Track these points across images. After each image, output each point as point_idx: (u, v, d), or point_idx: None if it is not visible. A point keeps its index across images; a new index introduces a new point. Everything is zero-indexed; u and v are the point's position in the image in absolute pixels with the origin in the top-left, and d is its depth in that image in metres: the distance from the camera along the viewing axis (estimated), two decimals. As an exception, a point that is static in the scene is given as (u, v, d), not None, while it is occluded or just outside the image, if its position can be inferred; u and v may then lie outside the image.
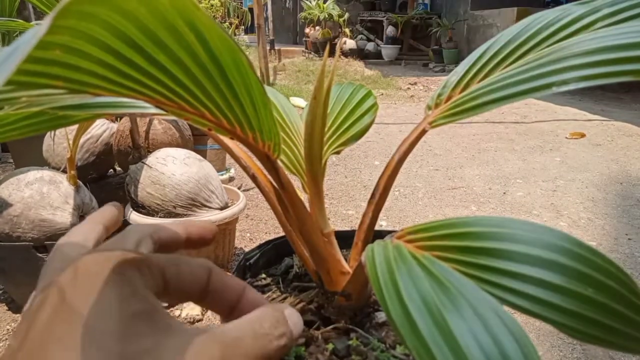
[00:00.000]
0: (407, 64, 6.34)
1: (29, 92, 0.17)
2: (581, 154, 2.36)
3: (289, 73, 5.18)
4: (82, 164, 1.31)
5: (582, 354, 0.98)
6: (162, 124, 1.39)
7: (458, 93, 0.30)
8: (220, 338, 0.19)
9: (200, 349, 0.18)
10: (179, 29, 0.17)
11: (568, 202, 1.76)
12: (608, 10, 0.27)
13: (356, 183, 2.00)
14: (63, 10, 0.13)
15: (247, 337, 0.19)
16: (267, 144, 0.25)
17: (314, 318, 0.30)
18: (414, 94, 4.29)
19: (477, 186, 1.95)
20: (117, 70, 0.17)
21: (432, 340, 0.16)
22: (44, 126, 0.29)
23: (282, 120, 0.40)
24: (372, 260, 0.20)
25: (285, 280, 0.36)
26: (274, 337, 0.20)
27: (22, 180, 0.97)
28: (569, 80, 0.21)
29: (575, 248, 0.19)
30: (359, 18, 7.16)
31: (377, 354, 0.27)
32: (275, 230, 1.51)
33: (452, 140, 2.68)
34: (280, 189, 0.29)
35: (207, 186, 1.11)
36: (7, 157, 2.05)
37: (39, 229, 0.94)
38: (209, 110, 0.21)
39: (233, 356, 0.18)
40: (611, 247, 1.41)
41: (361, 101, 0.41)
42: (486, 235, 0.20)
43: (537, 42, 0.28)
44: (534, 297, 0.18)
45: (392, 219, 1.64)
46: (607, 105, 3.57)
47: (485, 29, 5.53)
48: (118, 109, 0.24)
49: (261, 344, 0.20)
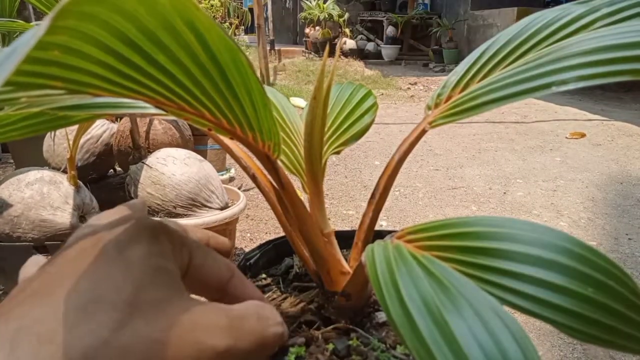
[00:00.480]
0: (407, 64, 6.34)
1: (29, 92, 0.17)
2: (581, 154, 2.36)
3: (289, 73, 5.18)
4: (82, 164, 1.31)
5: (583, 353, 0.98)
6: (162, 124, 1.39)
7: (458, 93, 0.30)
8: (228, 311, 0.20)
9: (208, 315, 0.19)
10: (179, 29, 0.17)
11: (568, 202, 1.76)
12: (607, 10, 0.27)
13: (356, 183, 2.00)
14: (62, 11, 0.13)
15: (252, 317, 0.20)
16: (267, 144, 0.25)
17: (314, 318, 0.30)
18: (414, 94, 4.29)
19: (477, 186, 1.95)
20: (116, 71, 0.17)
21: (432, 340, 0.16)
22: (44, 126, 0.29)
23: (282, 120, 0.40)
24: (372, 260, 0.20)
25: (286, 280, 0.36)
26: (273, 323, 0.21)
27: (23, 180, 0.97)
28: (568, 80, 0.21)
29: (575, 248, 0.19)
30: (359, 18, 7.16)
31: (378, 354, 0.27)
32: (276, 230, 1.51)
33: (452, 140, 2.68)
34: (280, 189, 0.29)
35: (207, 186, 1.11)
36: (7, 158, 2.05)
37: (39, 229, 0.94)
38: (208, 111, 0.21)
39: (239, 329, 0.19)
40: (611, 247, 1.41)
41: (361, 101, 0.41)
42: (486, 235, 0.20)
43: (536, 41, 0.28)
44: (534, 297, 0.18)
45: (392, 219, 1.64)
46: (607, 105, 3.57)
47: (485, 29, 5.53)
48: (118, 109, 0.24)
49: (263, 326, 0.21)
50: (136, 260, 0.18)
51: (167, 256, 0.20)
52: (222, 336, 0.19)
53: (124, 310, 0.17)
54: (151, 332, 0.17)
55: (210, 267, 0.22)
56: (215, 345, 0.18)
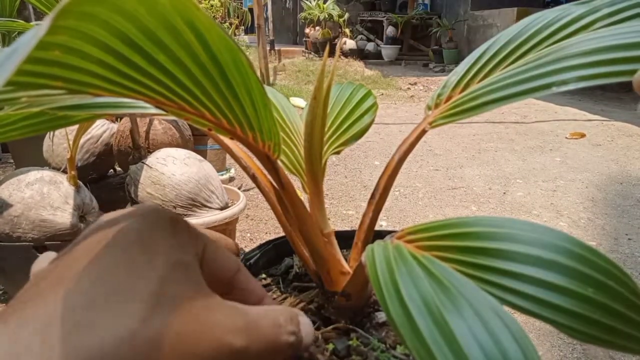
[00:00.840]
0: (407, 64, 6.33)
1: (29, 92, 0.17)
2: (581, 154, 2.36)
3: (289, 73, 5.18)
4: (82, 164, 1.31)
5: (582, 354, 0.98)
6: (162, 124, 1.39)
7: (458, 93, 0.30)
8: (245, 313, 0.20)
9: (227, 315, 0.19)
10: (179, 29, 0.17)
11: (568, 202, 1.76)
12: (607, 10, 0.27)
13: (356, 183, 2.00)
14: (63, 11, 0.13)
15: (267, 322, 0.21)
16: (267, 144, 0.25)
17: (314, 318, 0.30)
18: (414, 94, 4.29)
19: (477, 186, 1.95)
20: (116, 71, 0.17)
21: (432, 340, 0.16)
22: (44, 126, 0.29)
23: (282, 120, 0.40)
24: (372, 261, 0.20)
25: (286, 280, 0.36)
26: (286, 332, 0.21)
27: (23, 180, 0.97)
28: (568, 80, 0.21)
29: (575, 248, 0.19)
30: (359, 18, 7.16)
31: (378, 354, 0.27)
32: (275, 230, 1.51)
33: (452, 140, 2.68)
34: (280, 189, 0.29)
35: (207, 186, 1.11)
36: (7, 158, 2.05)
37: (39, 229, 0.94)
38: (208, 111, 0.21)
39: (254, 333, 0.20)
40: (611, 247, 1.41)
41: (361, 101, 0.41)
42: (486, 235, 0.20)
43: (536, 42, 0.28)
44: (534, 297, 0.18)
45: (392, 219, 1.64)
46: (607, 105, 3.57)
47: (485, 29, 5.53)
48: (118, 109, 0.24)
49: (276, 333, 0.21)
50: (159, 253, 0.19)
51: (186, 249, 0.20)
52: (239, 336, 0.19)
53: (151, 302, 0.17)
54: (178, 326, 0.17)
55: (221, 261, 0.23)
56: (233, 344, 0.19)
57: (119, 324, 0.16)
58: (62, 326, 0.16)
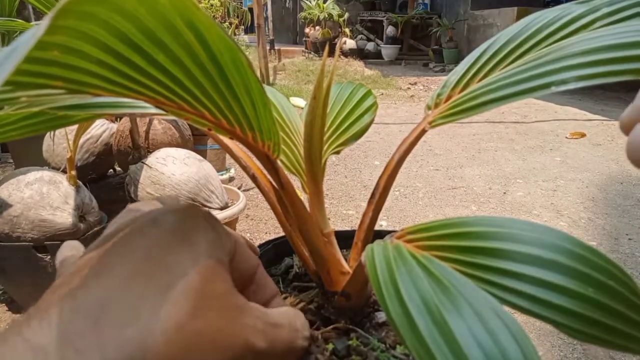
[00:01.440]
0: (407, 64, 6.33)
1: (28, 92, 0.17)
2: (581, 154, 2.36)
3: (288, 73, 5.18)
4: (82, 164, 1.31)
5: (583, 354, 0.98)
6: (162, 124, 1.39)
7: (458, 93, 0.30)
8: (265, 316, 0.21)
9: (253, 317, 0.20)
10: (179, 28, 0.17)
11: (568, 202, 1.76)
12: (607, 10, 0.27)
13: (356, 183, 2.00)
14: (62, 10, 0.13)
15: (285, 326, 0.22)
16: (266, 144, 0.25)
17: (314, 318, 0.30)
18: (414, 93, 4.29)
19: (477, 186, 1.95)
20: (116, 71, 0.17)
21: (432, 340, 0.16)
22: (43, 126, 0.28)
23: (282, 120, 0.40)
24: (372, 260, 0.20)
25: (285, 280, 0.36)
26: (302, 337, 0.23)
27: (22, 180, 0.97)
28: (568, 79, 0.21)
29: (575, 248, 0.19)
30: (359, 18, 7.16)
31: (377, 354, 0.27)
32: (275, 230, 1.51)
33: (452, 140, 2.68)
34: (280, 189, 0.29)
35: (207, 186, 1.11)
36: (7, 157, 2.05)
37: (38, 229, 0.94)
38: (208, 111, 0.21)
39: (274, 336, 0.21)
40: (611, 247, 1.41)
41: (361, 100, 0.41)
42: (486, 235, 0.20)
43: (536, 41, 0.28)
44: (534, 297, 0.18)
45: (392, 219, 1.64)
46: (607, 105, 3.57)
47: (485, 28, 5.53)
48: (118, 109, 0.24)
49: (293, 337, 0.22)
50: (201, 250, 0.19)
51: (221, 247, 0.21)
52: (262, 338, 0.20)
53: (195, 299, 0.18)
54: (218, 323, 0.18)
55: (247, 258, 0.23)
56: (256, 344, 0.20)
57: (171, 318, 0.17)
58: (110, 315, 0.16)
